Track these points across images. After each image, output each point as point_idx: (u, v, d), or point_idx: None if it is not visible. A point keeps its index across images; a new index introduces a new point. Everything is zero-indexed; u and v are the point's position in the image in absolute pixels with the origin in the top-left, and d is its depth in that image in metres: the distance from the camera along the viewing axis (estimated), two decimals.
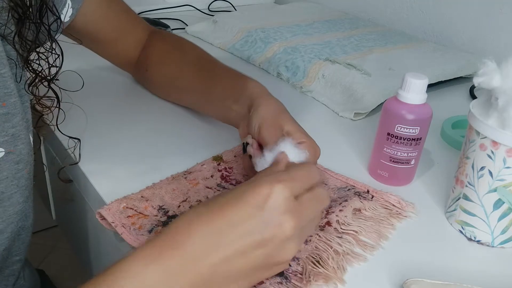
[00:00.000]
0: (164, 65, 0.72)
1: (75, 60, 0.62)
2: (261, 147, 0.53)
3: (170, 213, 0.51)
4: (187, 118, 0.71)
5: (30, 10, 0.50)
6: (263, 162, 0.48)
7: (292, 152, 0.46)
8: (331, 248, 0.48)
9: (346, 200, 0.54)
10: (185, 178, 0.57)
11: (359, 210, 0.54)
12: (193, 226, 0.37)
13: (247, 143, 0.54)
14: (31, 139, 0.52)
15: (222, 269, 0.36)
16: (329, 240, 0.49)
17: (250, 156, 0.53)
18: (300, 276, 0.45)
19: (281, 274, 0.44)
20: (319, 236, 0.49)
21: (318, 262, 0.46)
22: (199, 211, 0.38)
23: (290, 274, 0.45)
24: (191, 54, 0.71)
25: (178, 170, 0.59)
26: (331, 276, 0.45)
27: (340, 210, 0.52)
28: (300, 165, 0.43)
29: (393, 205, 0.56)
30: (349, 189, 0.57)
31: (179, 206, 0.53)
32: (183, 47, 0.72)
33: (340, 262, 0.47)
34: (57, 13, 0.59)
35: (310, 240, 0.49)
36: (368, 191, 0.57)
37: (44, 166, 0.77)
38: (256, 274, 0.39)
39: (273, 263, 0.39)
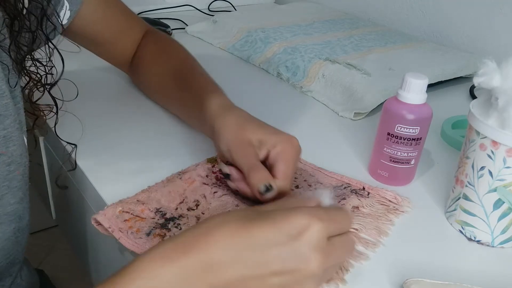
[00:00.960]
0: (150, 71, 0.72)
1: (69, 63, 0.62)
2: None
3: (167, 216, 0.51)
4: (181, 121, 0.70)
5: (27, 19, 0.50)
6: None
7: (328, 202, 0.44)
8: None
9: (344, 199, 0.54)
10: (180, 178, 0.56)
11: (357, 207, 0.54)
12: (219, 234, 0.36)
13: (226, 173, 0.53)
14: (25, 140, 0.51)
15: (236, 286, 0.35)
16: None
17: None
18: None
19: None
20: None
21: None
22: (228, 219, 0.37)
23: None
24: (174, 62, 0.69)
25: (172, 172, 0.58)
26: (332, 276, 0.45)
27: None
28: (338, 208, 0.42)
29: (390, 200, 0.56)
30: (345, 187, 0.57)
31: (176, 208, 0.52)
32: (168, 53, 0.71)
33: (342, 264, 0.46)
34: (59, 21, 0.59)
35: None
36: (363, 188, 0.57)
37: (45, 165, 0.77)
38: None
39: None
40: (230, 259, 0.35)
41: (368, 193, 0.56)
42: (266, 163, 0.52)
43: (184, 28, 1.12)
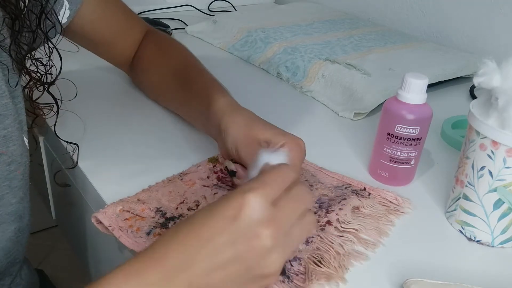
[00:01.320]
0: (150, 71, 0.72)
1: (69, 63, 0.62)
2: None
3: (168, 215, 0.51)
4: (182, 121, 0.71)
5: (27, 19, 0.50)
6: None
7: (273, 159, 0.43)
8: (333, 249, 0.48)
9: (344, 199, 0.54)
10: (181, 179, 0.57)
11: (358, 208, 0.54)
12: (171, 244, 0.36)
13: (232, 170, 0.54)
14: (26, 140, 0.51)
15: (202, 282, 0.36)
16: (331, 242, 0.49)
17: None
18: (302, 275, 0.45)
19: (283, 273, 0.44)
20: (321, 237, 0.49)
21: (320, 262, 0.46)
22: (177, 229, 0.37)
23: (292, 274, 0.45)
24: (175, 62, 0.69)
25: (174, 172, 0.58)
26: (333, 274, 0.45)
27: (340, 209, 0.52)
28: (271, 168, 0.39)
29: (390, 201, 0.56)
30: (346, 188, 0.57)
31: (176, 208, 0.52)
32: (169, 53, 0.71)
33: (342, 262, 0.47)
34: (58, 21, 0.59)
35: (311, 241, 0.49)
36: (364, 189, 0.57)
37: (44, 165, 0.77)
38: (243, 287, 0.37)
39: (257, 276, 0.37)
40: (186, 260, 0.35)
41: (369, 194, 0.56)
42: None
43: (184, 28, 1.12)
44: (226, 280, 0.36)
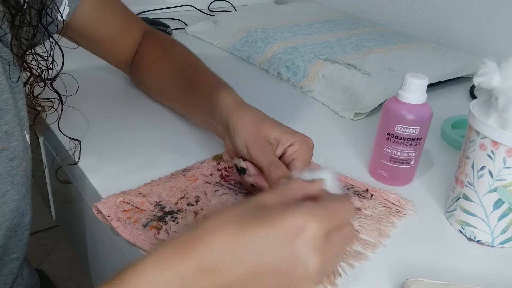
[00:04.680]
0: (152, 72, 0.72)
1: (70, 61, 0.62)
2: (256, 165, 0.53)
3: (166, 209, 0.52)
4: (185, 118, 0.71)
5: (28, 14, 0.50)
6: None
7: (331, 184, 0.43)
8: None
9: None
10: (184, 175, 0.57)
11: (359, 209, 0.54)
12: (214, 237, 0.35)
13: (242, 167, 0.54)
14: (27, 136, 0.51)
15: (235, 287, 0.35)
16: None
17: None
18: None
19: None
20: None
21: None
22: (223, 220, 0.36)
23: None
24: (177, 61, 0.69)
25: (177, 168, 0.59)
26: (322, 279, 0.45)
27: None
28: (337, 200, 0.40)
29: (392, 203, 0.56)
30: (348, 189, 0.57)
31: (176, 203, 0.53)
32: (171, 53, 0.71)
33: (335, 268, 0.46)
34: (61, 15, 0.59)
35: None
36: (367, 190, 0.57)
37: (44, 165, 0.77)
38: None
39: None
40: (227, 261, 0.35)
41: (371, 195, 0.56)
42: (282, 160, 0.53)
43: (184, 28, 1.12)
44: None
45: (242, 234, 0.35)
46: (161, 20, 1.10)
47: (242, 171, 0.54)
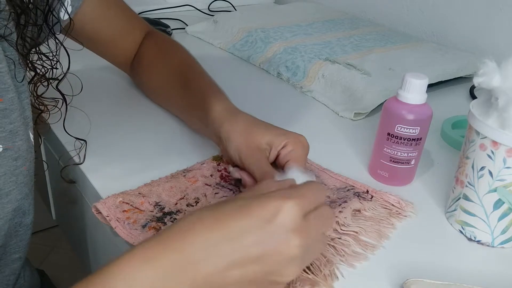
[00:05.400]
0: (150, 74, 0.72)
1: (74, 62, 0.62)
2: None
3: (166, 210, 0.52)
4: None
5: (33, 13, 0.50)
6: None
7: (301, 178, 0.45)
8: (325, 258, 0.47)
9: (345, 201, 0.54)
10: (184, 176, 0.57)
11: (359, 210, 0.54)
12: (194, 231, 0.36)
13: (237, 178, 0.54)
14: (31, 136, 0.52)
15: (217, 279, 0.35)
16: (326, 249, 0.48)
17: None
18: None
19: None
20: None
21: (308, 268, 0.45)
22: (202, 215, 0.37)
23: None
24: (173, 64, 0.69)
25: (178, 169, 0.59)
26: (318, 282, 0.44)
27: (340, 212, 0.52)
28: (308, 183, 0.41)
29: (393, 205, 0.56)
30: (348, 190, 0.57)
31: (176, 203, 0.53)
32: (168, 55, 0.71)
33: (332, 270, 0.46)
34: (67, 13, 0.59)
35: None
36: (367, 191, 0.57)
37: (46, 165, 0.77)
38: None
39: (271, 281, 0.37)
40: (208, 253, 0.35)
41: (372, 197, 0.56)
42: (277, 162, 0.54)
43: (184, 28, 1.12)
44: (242, 280, 0.36)
45: (220, 225, 0.36)
46: (161, 20, 1.10)
47: (237, 181, 0.55)
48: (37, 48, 0.54)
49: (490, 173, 0.49)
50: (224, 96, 0.61)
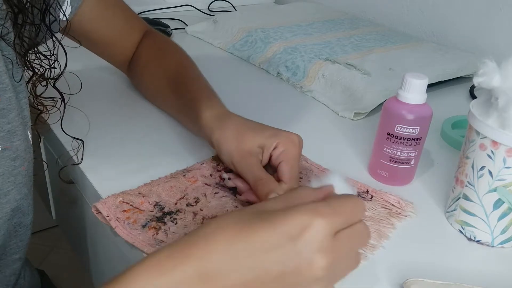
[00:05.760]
0: (146, 75, 0.72)
1: (74, 61, 0.62)
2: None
3: (166, 210, 0.52)
4: None
5: (30, 13, 0.50)
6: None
7: (341, 188, 0.40)
8: None
9: None
10: (184, 176, 0.57)
11: None
12: (216, 240, 0.34)
13: (229, 178, 0.55)
14: (30, 136, 0.51)
15: None
16: None
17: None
18: None
19: None
20: None
21: None
22: (224, 224, 0.35)
23: None
24: (168, 66, 0.69)
25: (177, 169, 0.59)
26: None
27: None
28: (344, 198, 0.37)
29: (393, 204, 0.56)
30: None
31: (176, 203, 0.53)
32: (164, 56, 0.71)
33: None
34: (64, 14, 0.59)
35: None
36: (367, 191, 0.57)
37: (45, 164, 0.77)
38: None
39: None
40: (228, 266, 0.33)
41: (372, 197, 0.56)
42: (270, 164, 0.54)
43: (184, 28, 1.12)
44: None
45: (243, 237, 0.34)
46: (161, 20, 1.10)
47: (233, 189, 0.55)
48: (35, 48, 0.54)
49: (490, 173, 0.49)
50: (215, 101, 0.60)
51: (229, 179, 0.55)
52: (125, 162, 0.61)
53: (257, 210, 0.36)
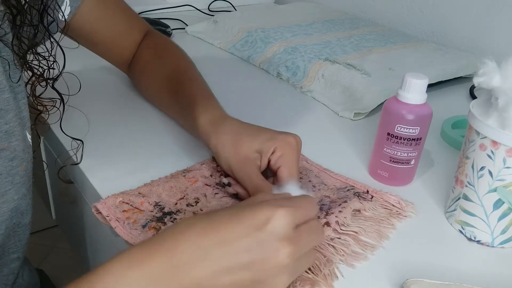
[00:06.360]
0: (145, 76, 0.72)
1: (73, 61, 0.62)
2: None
3: (165, 210, 0.52)
4: None
5: (28, 14, 0.50)
6: None
7: (297, 193, 0.46)
8: (324, 257, 0.47)
9: (345, 201, 0.54)
10: (184, 176, 0.57)
11: (359, 210, 0.54)
12: (184, 235, 0.36)
13: (229, 184, 0.55)
14: (29, 136, 0.51)
15: (206, 285, 0.35)
16: (322, 249, 0.48)
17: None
18: None
19: None
20: None
21: (308, 268, 0.45)
22: (193, 221, 0.37)
23: None
24: (168, 68, 0.69)
25: (178, 169, 0.59)
26: (318, 281, 0.44)
27: (340, 211, 0.52)
28: (302, 196, 0.42)
29: (393, 205, 0.56)
30: (348, 190, 0.57)
31: (176, 203, 0.53)
32: (164, 58, 0.70)
33: (332, 270, 0.46)
34: (63, 15, 0.59)
35: None
36: (367, 191, 0.57)
37: (45, 164, 0.77)
38: None
39: None
40: (197, 257, 0.35)
41: (372, 197, 0.56)
42: (269, 168, 0.54)
43: (184, 28, 1.12)
44: (230, 287, 0.36)
45: (211, 229, 0.36)
46: (161, 20, 1.10)
47: (234, 195, 0.55)
48: (34, 49, 0.54)
49: (490, 173, 0.49)
50: (211, 104, 0.60)
51: (229, 185, 0.55)
52: (125, 162, 0.61)
53: (225, 208, 0.39)
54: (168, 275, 0.35)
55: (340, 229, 0.51)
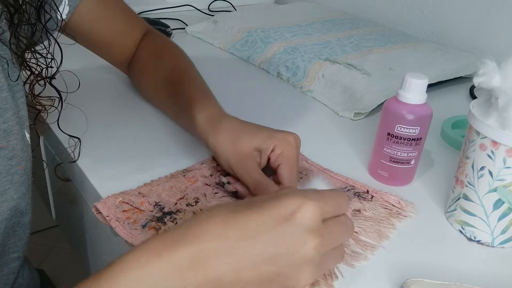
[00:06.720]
0: (144, 76, 0.72)
1: (71, 60, 0.62)
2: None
3: (165, 210, 0.52)
4: None
5: (26, 12, 0.50)
6: None
7: (325, 188, 0.45)
8: None
9: None
10: (184, 176, 0.57)
11: (359, 210, 0.54)
12: (209, 225, 0.34)
13: (229, 182, 0.55)
14: (27, 135, 0.51)
15: (229, 276, 0.34)
16: None
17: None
18: None
19: None
20: None
21: None
22: (215, 212, 0.36)
23: None
24: (167, 68, 0.68)
25: (177, 168, 0.59)
26: (318, 281, 0.44)
27: None
28: (331, 190, 0.40)
29: (393, 205, 0.56)
30: (348, 190, 0.57)
31: (176, 203, 0.53)
32: (163, 58, 0.70)
33: (332, 270, 0.46)
34: (60, 14, 0.59)
35: None
36: (367, 191, 0.57)
37: (44, 164, 0.77)
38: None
39: (282, 284, 0.35)
40: (219, 250, 0.34)
41: (372, 197, 0.56)
42: (269, 166, 0.54)
43: (184, 28, 1.12)
44: (254, 280, 0.34)
45: (235, 220, 0.34)
46: (161, 20, 1.10)
47: (233, 193, 0.55)
48: (32, 47, 0.54)
49: (490, 173, 0.49)
50: (209, 102, 0.60)
51: (228, 183, 0.55)
52: (125, 162, 0.61)
53: (248, 201, 0.37)
54: (189, 267, 0.33)
55: None
